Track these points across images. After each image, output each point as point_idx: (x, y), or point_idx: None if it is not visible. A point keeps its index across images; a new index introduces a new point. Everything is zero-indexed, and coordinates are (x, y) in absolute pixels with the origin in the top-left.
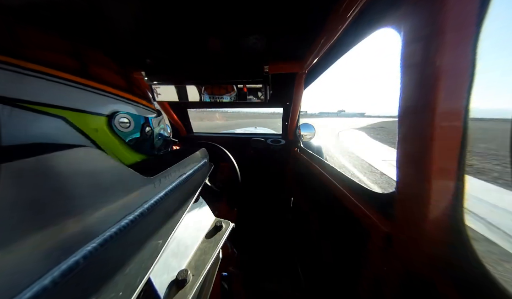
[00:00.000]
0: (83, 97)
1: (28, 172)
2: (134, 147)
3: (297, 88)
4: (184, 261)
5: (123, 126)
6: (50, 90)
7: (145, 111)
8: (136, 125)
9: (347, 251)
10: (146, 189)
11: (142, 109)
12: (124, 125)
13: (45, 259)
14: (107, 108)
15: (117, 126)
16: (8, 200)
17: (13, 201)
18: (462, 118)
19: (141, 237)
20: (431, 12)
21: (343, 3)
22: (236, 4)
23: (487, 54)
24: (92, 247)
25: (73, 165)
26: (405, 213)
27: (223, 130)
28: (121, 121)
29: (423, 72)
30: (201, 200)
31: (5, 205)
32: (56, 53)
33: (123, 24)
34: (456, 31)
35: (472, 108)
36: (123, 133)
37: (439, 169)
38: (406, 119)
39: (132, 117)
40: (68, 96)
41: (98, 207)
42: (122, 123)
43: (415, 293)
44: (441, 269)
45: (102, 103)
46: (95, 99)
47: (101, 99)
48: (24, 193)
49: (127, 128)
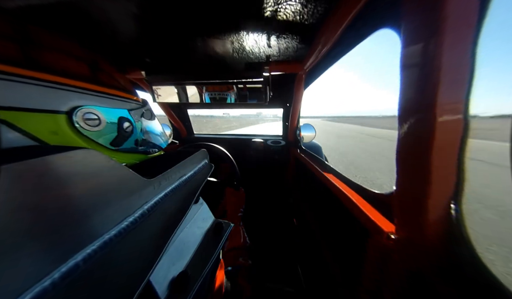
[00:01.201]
0: (29, 93)
1: (27, 174)
2: (114, 148)
3: (297, 89)
4: (184, 262)
5: (91, 125)
6: None
7: (121, 104)
8: (110, 122)
9: (347, 251)
10: (147, 191)
11: (118, 101)
12: (92, 123)
13: (45, 262)
14: (64, 103)
15: (82, 125)
16: (7, 203)
17: (11, 203)
18: (462, 117)
19: (141, 239)
20: (431, 12)
21: (343, 4)
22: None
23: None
24: (92, 249)
25: (72, 166)
26: (404, 212)
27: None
28: (87, 118)
29: (422, 72)
30: (201, 201)
31: (4, 208)
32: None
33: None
34: (456, 31)
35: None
36: (93, 133)
37: (439, 168)
38: (406, 119)
39: (102, 112)
40: (6, 93)
41: (98, 209)
42: (89, 121)
43: (415, 293)
44: (441, 269)
45: (56, 98)
46: (46, 93)
47: (56, 93)
48: (23, 196)
49: (96, 126)
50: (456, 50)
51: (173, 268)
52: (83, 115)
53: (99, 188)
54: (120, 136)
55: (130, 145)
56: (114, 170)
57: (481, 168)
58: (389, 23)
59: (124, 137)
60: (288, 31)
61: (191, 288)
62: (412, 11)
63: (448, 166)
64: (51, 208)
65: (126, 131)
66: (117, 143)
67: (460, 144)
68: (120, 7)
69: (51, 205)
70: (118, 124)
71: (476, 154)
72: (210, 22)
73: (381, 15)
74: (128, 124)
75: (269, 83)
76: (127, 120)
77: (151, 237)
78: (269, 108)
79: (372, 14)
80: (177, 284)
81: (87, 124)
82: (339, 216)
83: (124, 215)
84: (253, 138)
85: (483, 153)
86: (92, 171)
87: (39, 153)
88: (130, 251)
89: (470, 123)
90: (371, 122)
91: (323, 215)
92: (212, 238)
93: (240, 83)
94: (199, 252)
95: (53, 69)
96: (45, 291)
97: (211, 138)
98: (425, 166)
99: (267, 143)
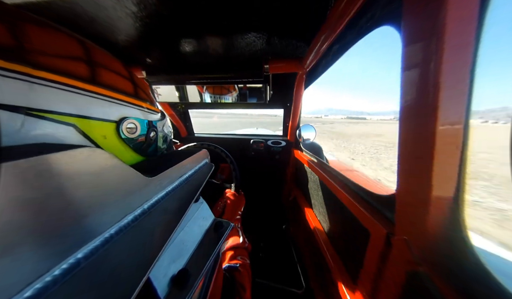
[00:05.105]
0: (92, 105)
1: (30, 171)
2: (139, 152)
3: (297, 89)
4: (184, 259)
5: (130, 132)
6: (59, 98)
7: (149, 115)
8: (142, 130)
9: (347, 251)
10: (147, 189)
11: (147, 113)
12: (131, 131)
13: (46, 258)
14: (115, 114)
15: (124, 132)
16: (9, 199)
17: (13, 200)
18: (464, 118)
19: (142, 237)
20: (432, 10)
21: (343, 1)
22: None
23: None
24: (93, 246)
25: (75, 164)
26: (405, 213)
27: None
28: (128, 127)
29: (424, 72)
30: (202, 200)
31: (6, 204)
32: (65, 58)
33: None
34: (457, 29)
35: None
36: (130, 139)
37: (440, 169)
38: (407, 120)
39: (138, 122)
40: (78, 103)
41: (99, 206)
42: (129, 129)
43: (415, 294)
44: (441, 270)
45: (110, 110)
46: (103, 105)
47: (109, 105)
48: (25, 192)
49: (133, 134)
50: (458, 48)
51: (173, 265)
52: (127, 124)
53: (101, 185)
54: (146, 143)
55: (152, 150)
56: (116, 168)
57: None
58: (390, 20)
59: (149, 145)
60: (289, 30)
61: (191, 286)
62: (413, 8)
63: (449, 166)
64: (52, 205)
65: (151, 139)
66: (143, 148)
67: (461, 144)
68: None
69: (52, 202)
70: (146, 132)
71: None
72: (210, 22)
73: (382, 11)
74: (154, 134)
75: (269, 83)
76: (154, 130)
77: (152, 235)
78: (269, 108)
79: (373, 10)
80: (177, 281)
81: (127, 132)
82: (339, 216)
83: (125, 212)
84: (254, 139)
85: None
86: (94, 169)
87: (42, 151)
88: (130, 248)
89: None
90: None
91: (323, 215)
92: (212, 236)
93: (240, 82)
94: (199, 250)
95: (109, 86)
96: (46, 287)
97: (211, 138)
98: (426, 166)
99: (268, 143)
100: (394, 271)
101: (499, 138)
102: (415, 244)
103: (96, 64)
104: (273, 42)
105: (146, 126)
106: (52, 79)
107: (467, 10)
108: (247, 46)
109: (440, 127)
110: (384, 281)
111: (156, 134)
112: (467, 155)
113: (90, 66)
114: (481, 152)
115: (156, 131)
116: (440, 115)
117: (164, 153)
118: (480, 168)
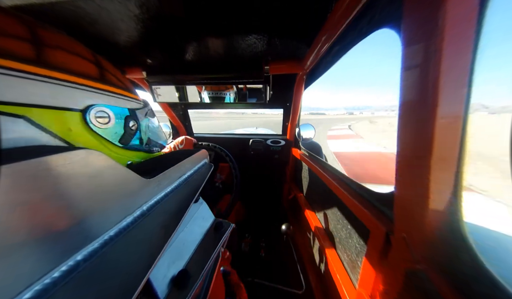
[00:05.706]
0: (44, 90)
1: (27, 174)
2: (120, 145)
3: (297, 89)
4: (184, 260)
5: (102, 122)
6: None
7: (127, 103)
8: (118, 120)
9: (347, 250)
10: (146, 190)
11: (124, 100)
12: (103, 120)
13: (45, 260)
14: (78, 102)
15: (94, 122)
16: (7, 202)
17: (12, 203)
18: (462, 117)
19: (141, 238)
20: (431, 12)
21: (343, 3)
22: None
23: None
24: (92, 248)
25: (72, 166)
26: (404, 212)
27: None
28: (98, 116)
29: (423, 72)
30: (201, 200)
31: (4, 207)
32: (6, 37)
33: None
34: (456, 30)
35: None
36: (103, 130)
37: (439, 168)
38: (406, 119)
39: (111, 109)
40: (24, 90)
41: (98, 209)
42: (100, 118)
43: (414, 292)
44: (440, 268)
45: (71, 96)
46: (60, 91)
47: (70, 91)
48: (22, 195)
49: (106, 124)
50: (456, 49)
51: (173, 266)
52: (95, 113)
53: (99, 188)
54: (126, 134)
55: (136, 143)
56: (113, 170)
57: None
58: (389, 22)
59: (130, 135)
60: (289, 31)
61: (191, 286)
62: (412, 10)
63: (448, 166)
64: (51, 208)
65: (131, 130)
66: (125, 141)
67: (459, 144)
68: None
69: (51, 205)
70: (124, 122)
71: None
72: (211, 22)
73: (381, 14)
74: (134, 123)
75: (269, 83)
76: (133, 119)
77: (151, 236)
78: (269, 108)
79: (373, 13)
80: (177, 282)
81: (98, 122)
82: (339, 215)
83: (124, 214)
84: (253, 138)
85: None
86: (92, 171)
87: (40, 153)
88: (130, 250)
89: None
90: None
91: (322, 214)
92: (212, 236)
93: (240, 83)
94: (199, 250)
95: (66, 69)
96: (46, 289)
97: (211, 138)
98: (425, 166)
99: (267, 143)
100: (394, 269)
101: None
102: (414, 242)
103: (45, 44)
104: (273, 43)
105: (123, 116)
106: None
107: (466, 12)
108: (248, 48)
109: (439, 126)
110: (384, 279)
111: (137, 124)
112: (465, 154)
113: (36, 46)
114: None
115: (137, 121)
116: (439, 115)
117: (156, 148)
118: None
